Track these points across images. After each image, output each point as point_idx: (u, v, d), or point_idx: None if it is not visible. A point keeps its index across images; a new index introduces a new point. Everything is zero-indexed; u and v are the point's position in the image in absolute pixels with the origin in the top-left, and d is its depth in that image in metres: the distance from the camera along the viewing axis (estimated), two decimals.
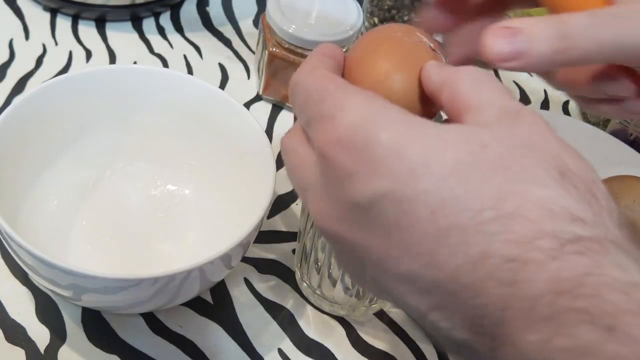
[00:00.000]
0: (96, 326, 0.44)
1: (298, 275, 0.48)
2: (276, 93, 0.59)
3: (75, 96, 0.47)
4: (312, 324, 0.46)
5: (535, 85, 0.68)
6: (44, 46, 0.62)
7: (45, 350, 0.42)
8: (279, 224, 0.52)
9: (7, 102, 0.57)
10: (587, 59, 0.31)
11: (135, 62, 0.62)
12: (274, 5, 0.57)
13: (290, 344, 0.45)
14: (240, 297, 0.47)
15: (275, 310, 0.47)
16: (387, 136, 0.26)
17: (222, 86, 0.61)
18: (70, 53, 0.62)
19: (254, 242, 0.44)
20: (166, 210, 0.49)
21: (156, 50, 0.63)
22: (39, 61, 0.61)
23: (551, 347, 0.22)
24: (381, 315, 0.47)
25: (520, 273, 0.23)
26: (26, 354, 0.42)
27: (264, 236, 0.50)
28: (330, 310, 0.47)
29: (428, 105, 0.31)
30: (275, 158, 0.44)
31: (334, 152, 0.26)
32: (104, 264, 0.46)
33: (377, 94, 0.28)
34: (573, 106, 0.66)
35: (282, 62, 0.56)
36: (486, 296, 0.24)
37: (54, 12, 0.65)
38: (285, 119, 0.59)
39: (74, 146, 0.49)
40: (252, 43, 0.66)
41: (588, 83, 0.33)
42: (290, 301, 0.47)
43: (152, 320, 0.45)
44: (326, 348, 0.45)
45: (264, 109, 0.60)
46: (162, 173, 0.51)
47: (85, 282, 0.37)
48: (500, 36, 0.29)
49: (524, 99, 0.67)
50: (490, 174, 0.24)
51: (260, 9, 0.70)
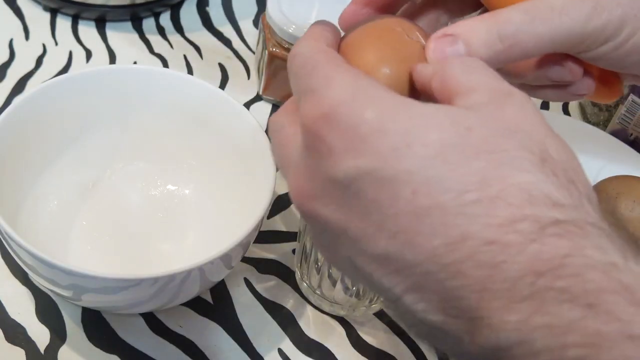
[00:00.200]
0: (96, 326, 0.44)
1: (298, 275, 0.48)
2: (276, 93, 0.59)
3: (75, 96, 0.47)
4: (312, 324, 0.46)
5: None
6: (44, 46, 0.62)
7: (45, 350, 0.42)
8: (279, 224, 0.52)
9: (7, 102, 0.57)
10: (528, 54, 0.31)
11: (135, 62, 0.62)
12: (274, 5, 0.57)
13: (290, 344, 0.45)
14: (240, 297, 0.47)
15: (275, 310, 0.47)
16: (372, 114, 0.25)
17: (222, 86, 0.61)
18: (70, 53, 0.62)
19: (254, 242, 0.44)
20: (166, 210, 0.49)
21: (156, 50, 0.63)
22: (39, 61, 0.61)
23: (530, 326, 0.22)
24: (381, 315, 0.47)
25: (499, 255, 0.23)
26: (26, 354, 0.42)
27: (264, 236, 0.50)
28: (330, 310, 0.47)
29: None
30: None
31: (317, 126, 0.26)
32: (104, 264, 0.46)
33: None
34: (573, 106, 0.66)
35: (282, 62, 0.56)
36: (464, 278, 0.23)
37: (54, 12, 0.65)
38: None
39: (74, 146, 0.49)
40: (252, 43, 0.66)
41: (533, 71, 0.33)
42: (290, 301, 0.47)
43: (152, 320, 0.45)
44: (326, 348, 0.45)
45: (264, 109, 0.60)
46: (162, 173, 0.51)
47: (85, 282, 0.37)
48: (441, 44, 0.30)
49: None
50: (474, 157, 0.24)
51: (260, 9, 0.70)
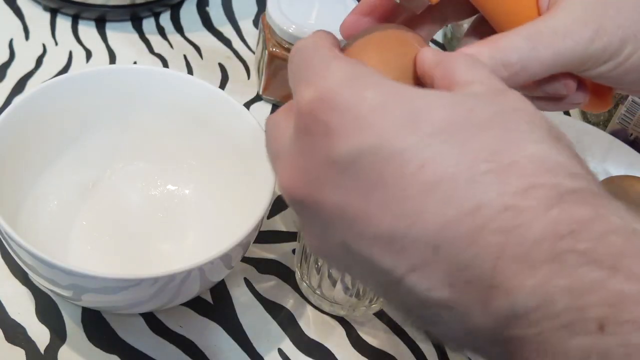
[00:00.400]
0: (96, 326, 0.44)
1: (298, 275, 0.48)
2: (276, 93, 0.59)
3: (75, 96, 0.47)
4: (312, 324, 0.46)
5: None
6: (44, 46, 0.62)
7: (45, 350, 0.42)
8: (279, 224, 0.52)
9: (7, 102, 0.57)
10: (532, 79, 0.32)
11: (135, 62, 0.62)
12: (274, 5, 0.57)
13: (290, 344, 0.45)
14: (240, 297, 0.47)
15: (275, 310, 0.47)
16: (372, 94, 0.25)
17: (222, 86, 0.61)
18: (70, 53, 0.62)
19: (254, 242, 0.44)
20: (166, 210, 0.49)
21: (156, 50, 0.63)
22: (39, 61, 0.61)
23: (550, 288, 0.22)
24: (381, 315, 0.47)
25: (516, 220, 0.23)
26: (26, 354, 0.42)
27: (264, 236, 0.50)
28: (330, 310, 0.47)
29: None
30: None
31: (313, 108, 0.26)
32: (104, 264, 0.46)
33: None
34: None
35: (282, 62, 0.56)
36: (478, 246, 0.23)
37: (54, 12, 0.65)
38: None
39: (74, 146, 0.49)
40: (252, 43, 0.66)
41: (529, 85, 0.34)
42: (290, 301, 0.47)
43: (152, 320, 0.45)
44: (326, 348, 0.45)
45: (264, 109, 0.60)
46: (162, 173, 0.51)
47: (85, 282, 0.37)
48: None
49: None
50: (482, 131, 0.24)
51: (260, 9, 0.70)
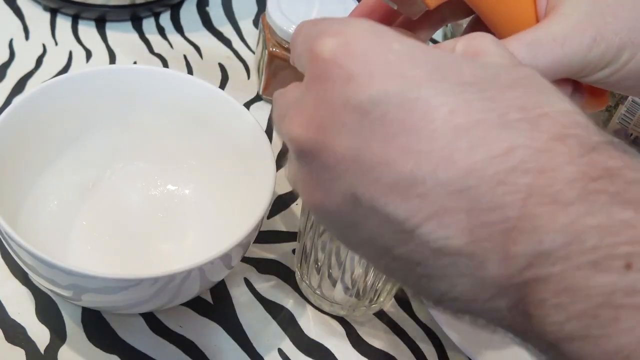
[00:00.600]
0: (96, 326, 0.44)
1: (298, 275, 0.48)
2: None
3: (75, 96, 0.47)
4: (312, 324, 0.46)
5: None
6: (44, 46, 0.62)
7: (45, 350, 0.42)
8: (279, 224, 0.52)
9: (7, 102, 0.57)
10: None
11: (135, 62, 0.62)
12: (274, 5, 0.57)
13: (290, 344, 0.45)
14: (240, 297, 0.47)
15: (275, 310, 0.47)
16: (400, 45, 0.25)
17: (222, 86, 0.61)
18: (70, 53, 0.62)
19: (254, 242, 0.44)
20: (166, 210, 0.49)
21: (156, 50, 0.63)
22: (39, 61, 0.61)
23: (579, 226, 0.22)
24: (381, 315, 0.47)
25: (549, 163, 0.23)
26: (26, 354, 0.42)
27: (264, 236, 0.50)
28: (330, 310, 0.47)
29: None
30: (275, 158, 0.44)
31: (338, 55, 0.25)
32: (104, 264, 0.46)
33: None
34: None
35: (282, 62, 0.56)
36: (507, 186, 0.23)
37: (54, 12, 0.65)
38: None
39: (74, 146, 0.49)
40: (252, 43, 0.66)
41: None
42: (290, 301, 0.47)
43: (152, 320, 0.45)
44: (326, 348, 0.45)
45: (264, 109, 0.60)
46: (162, 173, 0.51)
47: (85, 282, 0.37)
48: None
49: None
50: (511, 88, 0.24)
51: (260, 9, 0.70)
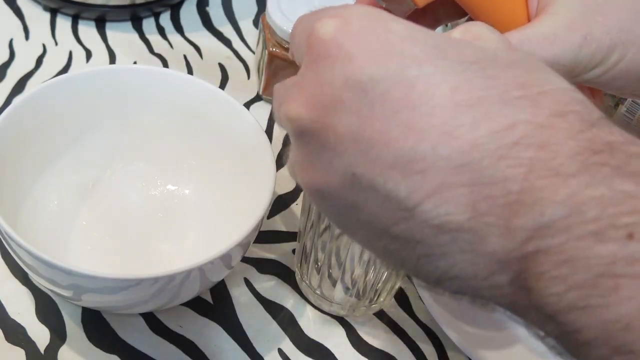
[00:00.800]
0: (96, 326, 0.44)
1: (298, 275, 0.48)
2: None
3: (75, 96, 0.47)
4: (312, 324, 0.46)
5: None
6: (44, 46, 0.62)
7: (45, 350, 0.42)
8: (279, 224, 0.52)
9: (7, 102, 0.57)
10: None
11: (135, 62, 0.62)
12: (274, 5, 0.57)
13: (290, 344, 0.45)
14: (240, 297, 0.47)
15: (275, 310, 0.47)
16: (399, 27, 0.25)
17: (222, 86, 0.61)
18: (70, 53, 0.62)
19: (254, 242, 0.44)
20: (166, 210, 0.49)
21: (156, 50, 0.63)
22: (39, 61, 0.61)
23: (581, 198, 0.22)
24: (381, 315, 0.47)
25: (551, 138, 0.23)
26: (26, 354, 0.42)
27: (264, 236, 0.50)
28: (330, 310, 0.47)
29: None
30: (275, 158, 0.44)
31: (338, 35, 0.25)
32: (104, 264, 0.46)
33: None
34: None
35: (282, 62, 0.56)
36: (508, 160, 0.23)
37: (54, 12, 0.65)
38: None
39: (74, 146, 0.49)
40: (252, 43, 0.66)
41: None
42: (290, 301, 0.47)
43: (152, 320, 0.45)
44: (326, 348, 0.45)
45: (264, 109, 0.60)
46: (162, 173, 0.51)
47: (85, 282, 0.37)
48: None
49: None
50: (510, 68, 0.25)
51: (260, 9, 0.70)
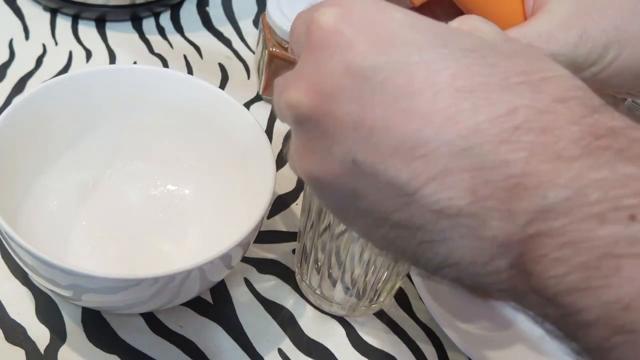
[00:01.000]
0: (96, 326, 0.44)
1: (298, 275, 0.48)
2: None
3: (75, 96, 0.47)
4: (312, 324, 0.46)
5: None
6: (44, 46, 0.62)
7: (45, 350, 0.42)
8: (279, 224, 0.52)
9: (7, 102, 0.57)
10: None
11: (135, 62, 0.62)
12: (274, 5, 0.57)
13: (290, 344, 0.45)
14: (240, 297, 0.47)
15: (275, 310, 0.47)
16: (401, 15, 0.26)
17: (222, 86, 0.61)
18: (70, 53, 0.62)
19: (254, 242, 0.44)
20: (166, 210, 0.49)
21: (156, 50, 0.63)
22: (39, 61, 0.61)
23: (583, 181, 0.22)
24: (381, 315, 0.47)
25: (552, 123, 0.23)
26: (26, 354, 0.42)
27: (264, 236, 0.50)
28: (330, 310, 0.47)
29: None
30: (275, 158, 0.44)
31: (339, 23, 0.26)
32: (103, 264, 0.46)
33: None
34: None
35: (282, 62, 0.56)
36: (510, 144, 0.23)
37: (54, 12, 0.65)
38: None
39: (74, 146, 0.49)
40: (252, 43, 0.66)
41: None
42: (290, 301, 0.47)
43: (152, 320, 0.45)
44: (326, 348, 0.45)
45: (264, 109, 0.60)
46: (162, 173, 0.51)
47: (85, 282, 0.37)
48: None
49: None
50: (510, 57, 0.25)
51: (260, 9, 0.70)
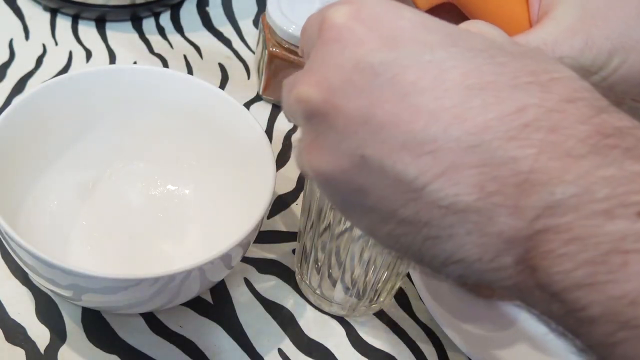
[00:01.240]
0: (96, 326, 0.44)
1: (298, 275, 0.48)
2: (276, 93, 0.59)
3: (75, 96, 0.47)
4: (312, 324, 0.46)
5: None
6: (44, 46, 0.62)
7: (45, 350, 0.42)
8: (279, 224, 0.52)
9: (7, 102, 0.57)
10: None
11: (135, 62, 0.62)
12: (274, 5, 0.57)
13: (290, 344, 0.45)
14: (240, 297, 0.47)
15: (275, 310, 0.47)
16: (412, 15, 0.26)
17: (222, 86, 0.61)
18: (70, 53, 0.62)
19: (254, 242, 0.44)
20: (166, 210, 0.49)
21: (156, 50, 0.63)
22: (39, 61, 0.61)
23: (592, 178, 0.22)
24: (381, 315, 0.47)
25: (561, 122, 0.23)
26: (26, 354, 0.42)
27: (264, 236, 0.50)
28: (330, 310, 0.47)
29: None
30: (275, 158, 0.44)
31: (351, 19, 0.26)
32: (104, 264, 0.46)
33: None
34: None
35: (282, 62, 0.56)
36: (519, 141, 0.23)
37: (54, 12, 0.65)
38: (285, 119, 0.59)
39: (74, 146, 0.49)
40: (252, 43, 0.66)
41: None
42: (290, 301, 0.47)
43: (152, 320, 0.45)
44: (326, 348, 0.45)
45: (264, 109, 0.60)
46: (162, 173, 0.51)
47: (85, 282, 0.37)
48: None
49: None
50: (519, 58, 0.25)
51: (260, 9, 0.70)
